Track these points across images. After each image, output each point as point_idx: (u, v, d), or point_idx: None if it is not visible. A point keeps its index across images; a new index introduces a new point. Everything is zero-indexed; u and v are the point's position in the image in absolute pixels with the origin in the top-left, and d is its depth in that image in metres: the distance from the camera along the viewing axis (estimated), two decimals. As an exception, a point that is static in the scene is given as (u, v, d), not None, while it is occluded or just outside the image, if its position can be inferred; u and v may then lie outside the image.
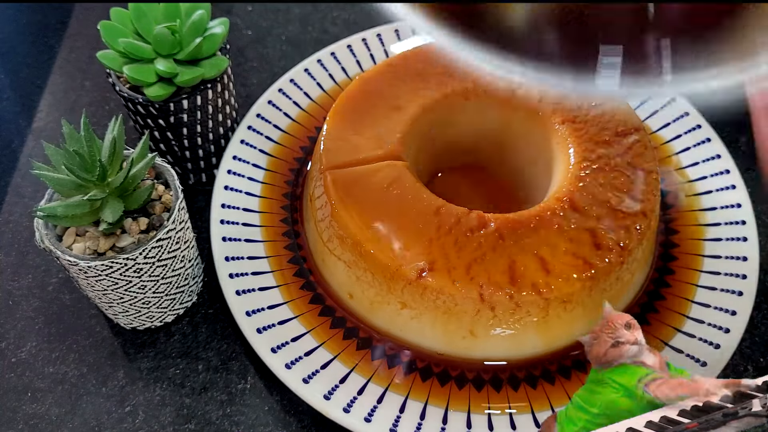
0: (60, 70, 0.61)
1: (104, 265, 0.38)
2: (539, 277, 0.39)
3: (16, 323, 0.46)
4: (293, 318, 0.44)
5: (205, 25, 0.45)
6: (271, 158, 0.51)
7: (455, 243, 0.40)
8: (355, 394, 0.40)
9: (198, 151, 0.50)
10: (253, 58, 0.61)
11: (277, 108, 0.54)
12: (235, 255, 0.46)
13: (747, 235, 0.47)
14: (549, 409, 0.40)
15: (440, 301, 0.40)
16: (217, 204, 0.48)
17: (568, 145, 0.45)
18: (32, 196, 0.52)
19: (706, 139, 0.52)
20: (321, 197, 0.45)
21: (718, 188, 0.49)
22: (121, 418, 0.42)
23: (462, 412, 0.40)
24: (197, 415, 0.42)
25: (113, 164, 0.39)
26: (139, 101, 0.45)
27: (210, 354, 0.44)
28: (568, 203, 0.42)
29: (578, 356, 0.43)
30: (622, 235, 0.41)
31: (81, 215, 0.37)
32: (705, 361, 0.41)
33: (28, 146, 0.55)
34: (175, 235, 0.40)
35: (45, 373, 0.43)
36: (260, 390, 0.43)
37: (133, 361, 0.44)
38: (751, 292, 0.44)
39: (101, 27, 0.43)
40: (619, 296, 0.43)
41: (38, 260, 0.49)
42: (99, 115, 0.57)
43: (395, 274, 0.40)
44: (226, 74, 0.48)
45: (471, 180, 0.52)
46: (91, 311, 0.46)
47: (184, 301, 0.45)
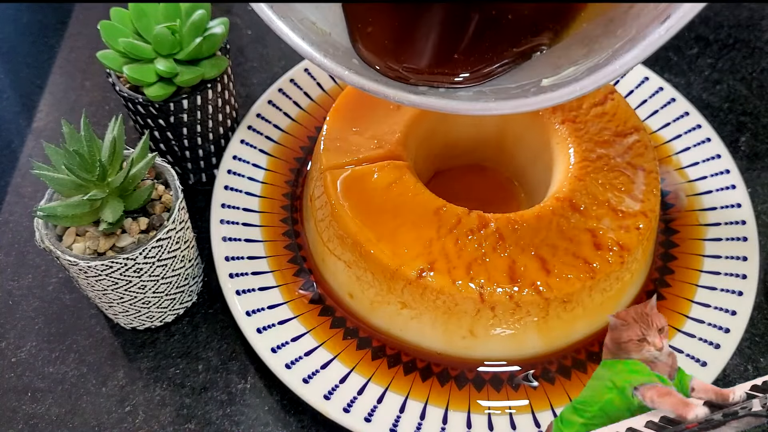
0: (60, 70, 0.61)
1: (104, 265, 0.38)
2: (539, 277, 0.39)
3: (16, 323, 0.46)
4: (293, 318, 0.44)
5: (205, 25, 0.45)
6: (271, 158, 0.51)
7: (455, 243, 0.40)
8: (355, 394, 0.40)
9: (198, 151, 0.50)
10: (253, 58, 0.61)
11: (277, 108, 0.54)
12: (235, 255, 0.46)
13: (747, 235, 0.47)
14: (549, 409, 0.40)
15: (440, 301, 0.40)
16: (217, 204, 0.48)
17: (568, 145, 0.45)
18: (32, 196, 0.52)
19: (706, 139, 0.52)
20: (321, 197, 0.45)
21: (718, 188, 0.49)
22: (121, 418, 0.42)
23: (462, 412, 0.40)
24: (197, 415, 0.42)
25: (113, 164, 0.39)
26: (139, 101, 0.45)
27: (210, 354, 0.44)
28: (568, 203, 0.42)
29: (578, 356, 0.43)
30: (622, 235, 0.41)
31: (81, 215, 0.37)
32: (705, 361, 0.41)
33: (28, 146, 0.55)
34: (175, 235, 0.40)
35: (45, 373, 0.43)
36: (260, 390, 0.43)
37: (133, 361, 0.44)
38: (751, 292, 0.44)
39: (101, 27, 0.43)
40: (619, 296, 0.43)
41: (38, 260, 0.49)
42: (99, 115, 0.57)
43: (395, 274, 0.40)
44: (226, 74, 0.48)
45: (471, 180, 0.52)
46: (91, 311, 0.46)
47: (184, 301, 0.45)
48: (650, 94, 0.54)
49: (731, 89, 0.60)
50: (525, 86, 0.32)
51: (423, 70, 0.35)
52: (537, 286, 0.39)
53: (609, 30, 0.31)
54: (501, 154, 0.52)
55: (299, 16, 0.35)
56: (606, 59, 0.29)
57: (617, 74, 0.28)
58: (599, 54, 0.30)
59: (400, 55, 0.35)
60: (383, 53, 0.35)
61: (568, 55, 0.33)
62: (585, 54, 0.31)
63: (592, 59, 0.30)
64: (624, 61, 0.28)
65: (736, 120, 0.58)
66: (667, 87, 0.54)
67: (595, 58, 0.30)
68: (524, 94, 0.31)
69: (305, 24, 0.35)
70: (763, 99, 0.59)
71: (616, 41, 0.30)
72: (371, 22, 0.36)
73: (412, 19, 0.35)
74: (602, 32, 0.32)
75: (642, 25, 0.28)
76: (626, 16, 0.30)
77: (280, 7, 0.34)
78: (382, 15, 0.36)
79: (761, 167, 0.54)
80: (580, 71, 0.30)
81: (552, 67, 0.33)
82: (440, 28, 0.35)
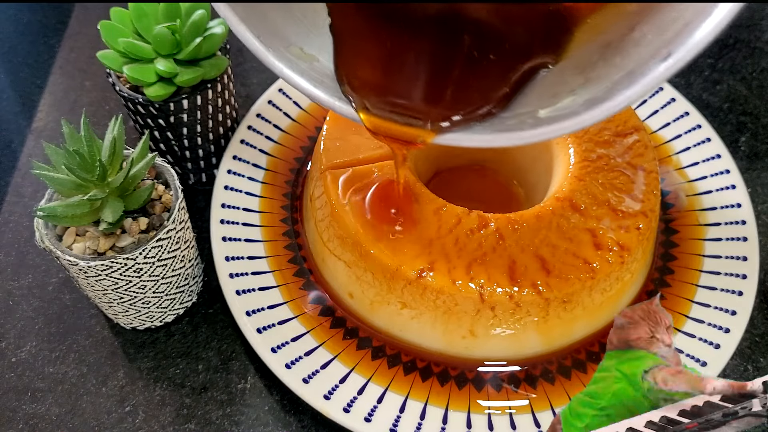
0: (60, 70, 0.61)
1: (104, 265, 0.38)
2: (539, 277, 0.39)
3: (16, 323, 0.46)
4: (293, 318, 0.44)
5: (205, 25, 0.45)
6: (271, 158, 0.51)
7: (455, 243, 0.40)
8: (355, 394, 0.40)
9: (198, 151, 0.50)
10: (253, 58, 0.61)
11: (277, 108, 0.54)
12: (235, 255, 0.46)
13: (747, 235, 0.47)
14: (549, 409, 0.40)
15: (440, 301, 0.40)
16: (217, 204, 0.48)
17: (568, 145, 0.45)
18: (32, 196, 0.52)
19: (706, 139, 0.52)
20: (321, 197, 0.45)
21: (718, 188, 0.49)
22: (121, 418, 0.42)
23: (462, 412, 0.40)
24: (197, 415, 0.42)
25: (113, 164, 0.39)
26: (139, 101, 0.45)
27: (210, 354, 0.44)
28: (568, 203, 0.42)
29: (578, 356, 0.43)
30: (622, 235, 0.41)
31: (81, 215, 0.37)
32: (705, 361, 0.41)
33: (28, 146, 0.55)
34: (175, 235, 0.40)
35: (45, 373, 0.43)
36: (260, 390, 0.43)
37: (133, 361, 0.44)
38: (751, 292, 0.44)
39: (101, 27, 0.43)
40: (619, 296, 0.43)
41: (38, 260, 0.49)
42: (99, 115, 0.57)
43: (395, 274, 0.40)
44: (226, 74, 0.48)
45: (471, 180, 0.52)
46: (91, 311, 0.46)
47: (184, 301, 0.45)
48: (650, 94, 0.54)
49: (731, 89, 0.60)
50: (521, 116, 0.31)
51: (413, 112, 0.33)
52: (537, 286, 0.39)
53: (606, 56, 0.30)
54: (501, 154, 0.52)
55: (286, 44, 0.35)
56: (605, 92, 0.28)
57: (616, 110, 0.28)
58: (597, 85, 0.29)
59: (386, 96, 0.34)
60: (370, 93, 0.34)
61: (564, 82, 0.32)
62: (582, 84, 0.30)
63: (589, 90, 0.29)
64: (624, 97, 0.27)
65: (736, 120, 0.58)
66: (667, 87, 0.54)
67: (593, 90, 0.29)
68: (520, 126, 0.30)
69: (292, 52, 0.35)
70: (763, 99, 0.59)
71: (614, 72, 0.29)
72: (359, 62, 0.34)
73: (398, 57, 0.34)
74: (599, 58, 0.31)
75: (641, 57, 0.27)
76: (624, 42, 0.30)
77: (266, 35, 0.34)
78: (369, 53, 0.34)
79: (761, 167, 0.54)
80: (578, 103, 0.29)
81: (548, 95, 0.32)
82: (428, 63, 0.33)
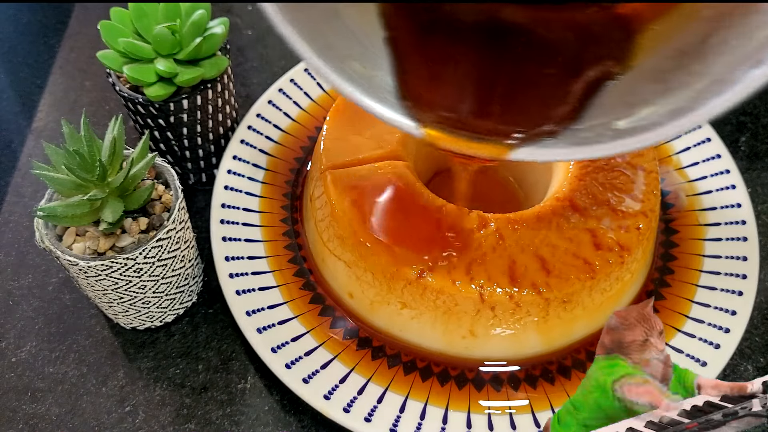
0: (60, 70, 0.61)
1: (104, 265, 0.38)
2: (539, 277, 0.39)
3: (16, 323, 0.46)
4: (293, 318, 0.44)
5: (205, 25, 0.45)
6: (271, 158, 0.51)
7: (455, 243, 0.40)
8: (355, 394, 0.40)
9: (198, 151, 0.50)
10: (253, 58, 0.61)
11: (277, 108, 0.54)
12: (235, 255, 0.46)
13: (747, 235, 0.47)
14: (549, 409, 0.40)
15: (440, 301, 0.40)
16: (217, 204, 0.48)
17: (568, 145, 0.45)
18: (32, 196, 0.52)
19: (706, 139, 0.52)
20: (321, 197, 0.45)
21: (718, 188, 0.49)
22: (121, 418, 0.42)
23: (462, 412, 0.40)
24: (197, 415, 0.42)
25: (113, 164, 0.39)
26: (139, 101, 0.45)
27: (210, 354, 0.44)
28: (568, 203, 0.42)
29: (578, 356, 0.43)
30: (622, 235, 0.41)
31: (81, 215, 0.37)
32: (705, 361, 0.41)
33: (28, 146, 0.55)
34: (175, 235, 0.40)
35: (45, 373, 0.43)
36: (260, 390, 0.43)
37: (133, 361, 0.44)
38: (751, 292, 0.44)
39: (101, 27, 0.43)
40: (619, 296, 0.43)
41: (38, 260, 0.49)
42: (99, 115, 0.57)
43: (395, 274, 0.40)
44: (226, 74, 0.48)
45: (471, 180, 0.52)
46: (91, 311, 0.46)
47: (184, 301, 0.45)
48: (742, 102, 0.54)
49: (731, 89, 0.60)
50: (595, 127, 0.29)
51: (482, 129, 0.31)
52: (537, 286, 0.39)
53: (682, 64, 0.28)
54: (501, 154, 0.52)
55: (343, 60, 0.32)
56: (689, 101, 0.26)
57: (705, 119, 0.25)
58: (678, 94, 0.27)
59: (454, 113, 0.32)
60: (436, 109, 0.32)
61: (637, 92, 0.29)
62: (660, 93, 0.28)
63: (669, 100, 0.27)
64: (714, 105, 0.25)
65: (736, 120, 0.58)
66: (667, 87, 0.54)
67: (674, 99, 0.27)
68: (599, 139, 0.28)
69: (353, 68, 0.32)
70: (763, 99, 0.59)
71: (695, 80, 0.27)
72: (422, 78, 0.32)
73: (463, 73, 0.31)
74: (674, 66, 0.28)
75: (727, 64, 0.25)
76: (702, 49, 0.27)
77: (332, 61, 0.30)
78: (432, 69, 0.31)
79: (761, 167, 0.54)
80: (659, 113, 0.27)
81: (622, 105, 0.29)
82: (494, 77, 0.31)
